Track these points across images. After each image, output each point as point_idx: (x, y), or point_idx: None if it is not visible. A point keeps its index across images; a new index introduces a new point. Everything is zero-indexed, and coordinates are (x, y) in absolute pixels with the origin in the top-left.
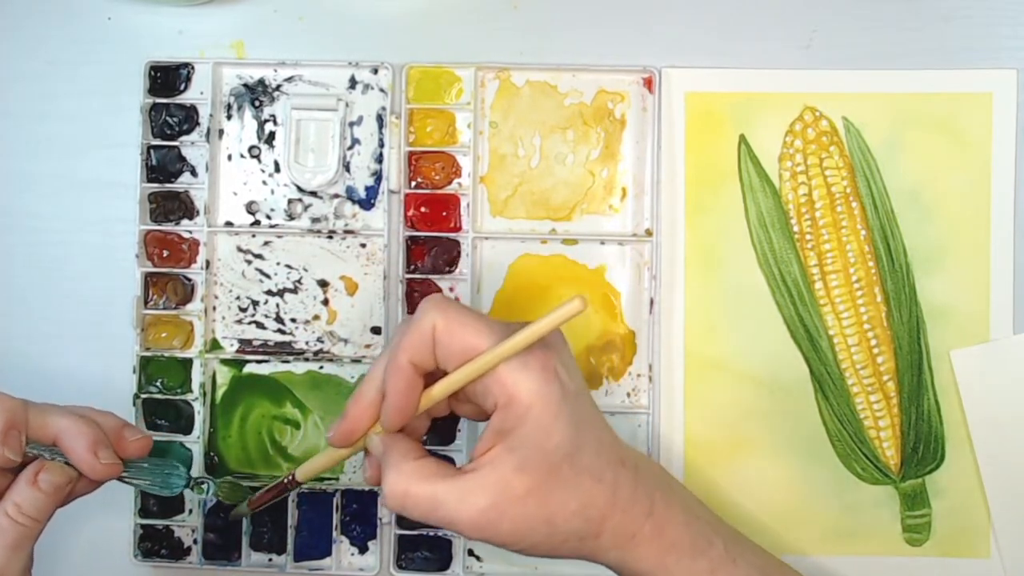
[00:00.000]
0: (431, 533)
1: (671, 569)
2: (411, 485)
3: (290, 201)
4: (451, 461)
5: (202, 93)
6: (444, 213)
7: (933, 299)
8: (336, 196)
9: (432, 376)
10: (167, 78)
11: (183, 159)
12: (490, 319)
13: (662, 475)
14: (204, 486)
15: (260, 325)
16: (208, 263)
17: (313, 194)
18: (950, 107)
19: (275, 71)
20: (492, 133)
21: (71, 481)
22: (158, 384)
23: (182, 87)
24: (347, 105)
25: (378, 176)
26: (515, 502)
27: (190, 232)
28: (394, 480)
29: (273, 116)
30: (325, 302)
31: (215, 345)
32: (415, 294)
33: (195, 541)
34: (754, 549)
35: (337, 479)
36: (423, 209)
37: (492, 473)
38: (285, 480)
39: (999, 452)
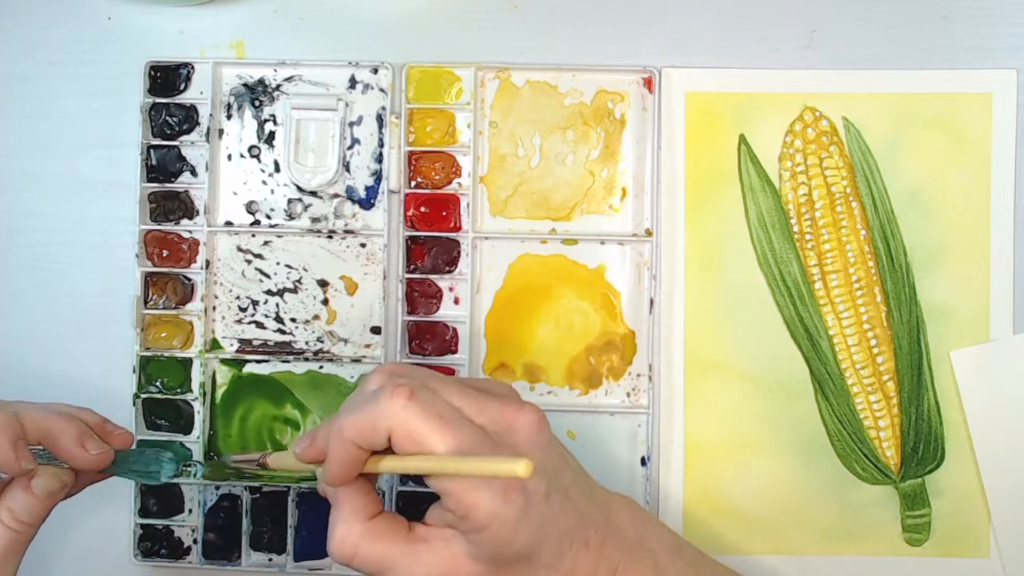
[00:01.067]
0: None
1: None
2: (361, 545)
3: (290, 201)
4: None
5: (202, 93)
6: (444, 213)
7: (933, 299)
8: (336, 196)
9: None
10: (167, 78)
11: (183, 159)
12: (459, 415)
13: (634, 535)
14: (192, 469)
15: (260, 325)
16: (208, 263)
17: (313, 194)
18: (950, 107)
19: (275, 71)
20: (492, 133)
21: (65, 487)
22: (158, 384)
23: (182, 87)
24: (347, 105)
25: (378, 176)
26: None
27: (190, 232)
28: (343, 536)
29: (273, 116)
30: (325, 302)
31: (215, 345)
32: (415, 294)
33: (195, 541)
34: None
35: None
36: (423, 209)
37: (444, 549)
38: (259, 460)
39: (999, 452)
